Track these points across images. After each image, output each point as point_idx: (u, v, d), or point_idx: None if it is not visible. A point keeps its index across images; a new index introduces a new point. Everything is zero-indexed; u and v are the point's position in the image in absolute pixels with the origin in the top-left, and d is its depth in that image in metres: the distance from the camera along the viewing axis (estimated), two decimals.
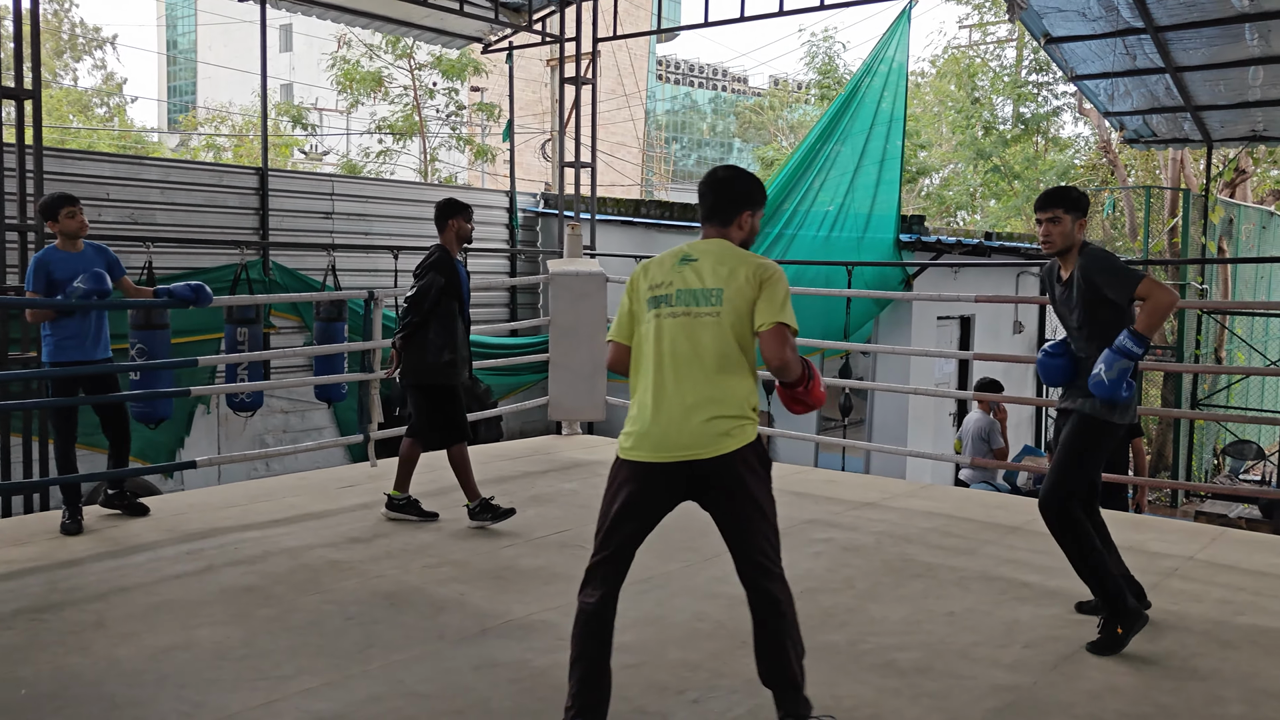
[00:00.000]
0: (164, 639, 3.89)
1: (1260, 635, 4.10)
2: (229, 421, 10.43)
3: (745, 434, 2.96)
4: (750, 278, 2.96)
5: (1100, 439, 3.94)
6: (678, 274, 3.03)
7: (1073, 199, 3.97)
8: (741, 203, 3.09)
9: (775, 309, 2.94)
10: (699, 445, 2.92)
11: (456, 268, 5.61)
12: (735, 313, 2.95)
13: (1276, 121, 11.75)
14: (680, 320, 2.98)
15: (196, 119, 34.70)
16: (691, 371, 2.95)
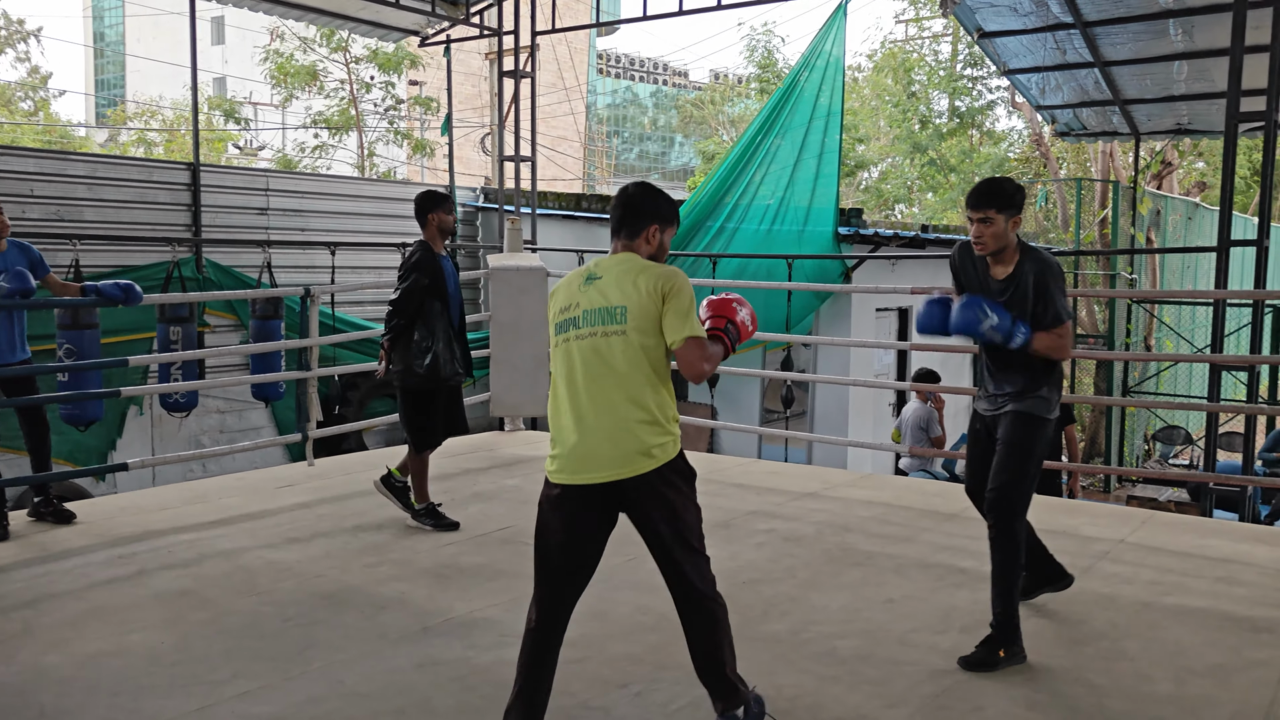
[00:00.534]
0: (94, 645, 3.80)
1: (1187, 615, 4.22)
2: (163, 423, 10.23)
3: (666, 451, 2.97)
4: (652, 290, 2.94)
5: (1039, 439, 3.79)
6: (584, 294, 3.02)
7: (1006, 196, 3.71)
8: (648, 217, 3.07)
9: (681, 323, 2.92)
10: (619, 465, 2.92)
11: (440, 265, 5.41)
12: (640, 329, 2.94)
13: (1201, 115, 12.08)
14: (589, 341, 2.97)
15: (126, 113, 33.91)
16: (606, 392, 2.94)
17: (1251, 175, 21.76)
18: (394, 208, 12.96)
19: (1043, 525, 5.55)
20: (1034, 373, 3.78)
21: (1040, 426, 3.79)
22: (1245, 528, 6.07)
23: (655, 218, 3.08)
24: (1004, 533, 3.73)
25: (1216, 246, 7.02)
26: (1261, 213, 7.27)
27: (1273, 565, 4.93)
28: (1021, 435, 3.76)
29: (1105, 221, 16.79)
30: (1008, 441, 3.77)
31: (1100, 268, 15.98)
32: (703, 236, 11.58)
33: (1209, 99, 11.11)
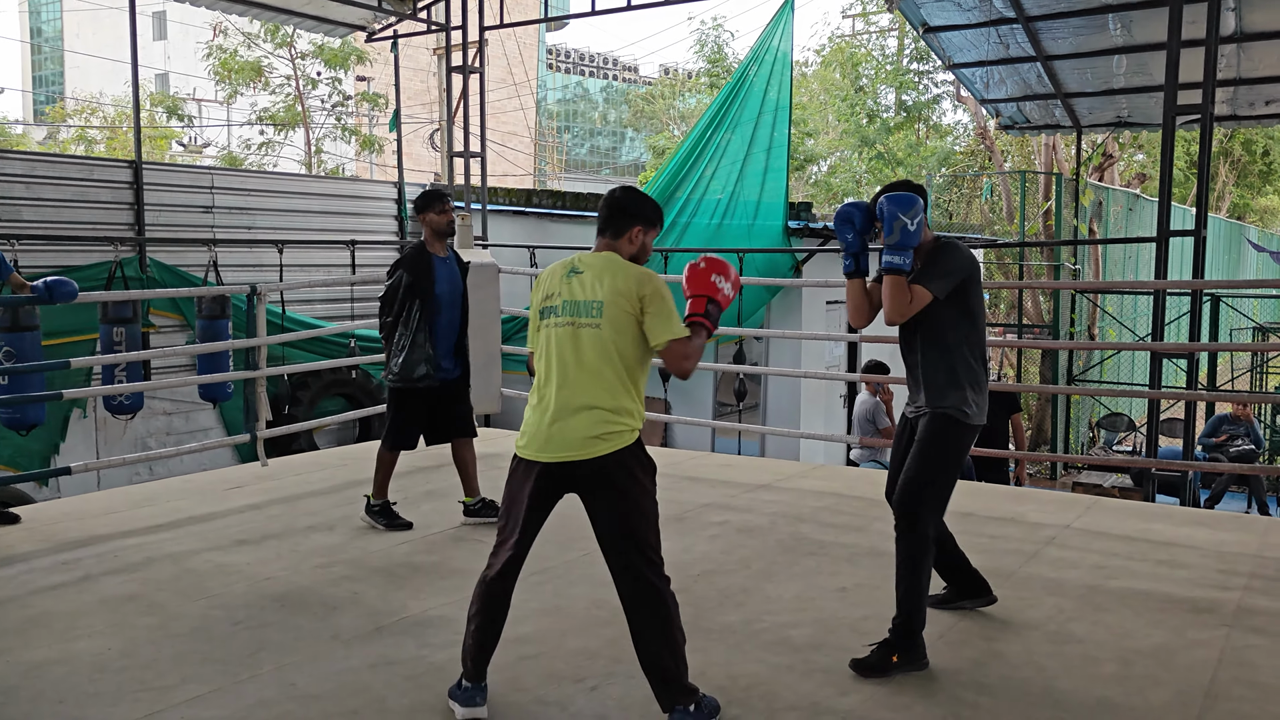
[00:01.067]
0: (39, 653, 3.72)
1: (1131, 597, 4.31)
2: (107, 425, 10.04)
3: (622, 439, 3.11)
4: (630, 292, 3.12)
5: (959, 442, 3.71)
6: (565, 285, 3.20)
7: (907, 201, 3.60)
8: (633, 219, 3.26)
9: (664, 326, 3.10)
10: (576, 448, 3.09)
11: (430, 264, 5.27)
12: (614, 324, 3.11)
13: (1140, 108, 12.32)
14: (565, 330, 3.15)
15: (65, 110, 33.18)
16: (573, 378, 3.12)
17: (1189, 167, 22.24)
18: (342, 205, 12.83)
19: (990, 513, 5.66)
20: (949, 379, 3.67)
21: (955, 428, 3.67)
22: (1186, 511, 6.22)
23: (639, 219, 3.27)
24: (906, 531, 3.62)
25: (1156, 237, 7.18)
26: (1199, 203, 7.44)
27: (1213, 548, 5.06)
28: (934, 434, 3.68)
29: (1049, 213, 17.07)
30: (920, 439, 3.71)
31: (1045, 259, 16.26)
32: None
33: (1147, 92, 11.34)
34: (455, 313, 5.42)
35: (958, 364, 3.67)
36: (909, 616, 3.57)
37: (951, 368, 3.67)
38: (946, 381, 3.68)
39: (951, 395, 3.67)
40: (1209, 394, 9.85)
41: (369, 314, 12.59)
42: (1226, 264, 26.02)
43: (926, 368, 3.71)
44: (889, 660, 3.54)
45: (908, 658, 3.55)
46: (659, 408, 10.90)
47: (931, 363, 3.70)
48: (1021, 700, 3.36)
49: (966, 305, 3.67)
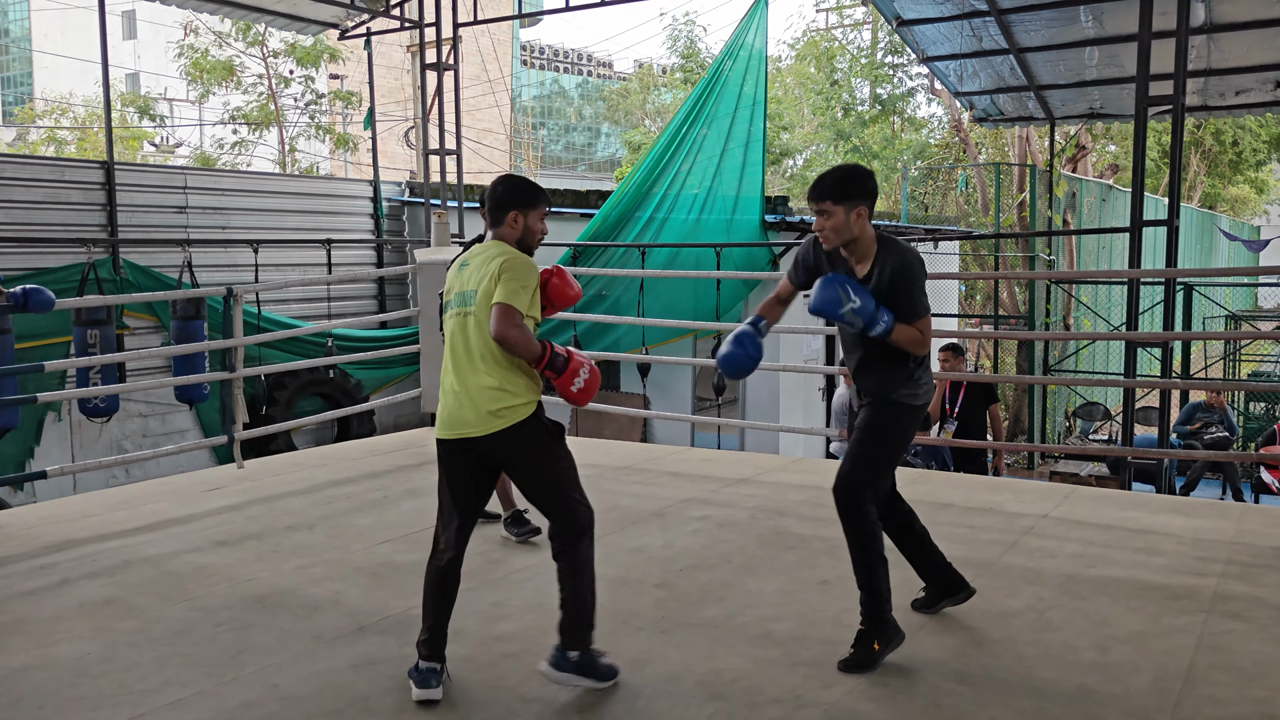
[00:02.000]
0: (17, 659, 3.69)
1: (1109, 585, 4.35)
2: (83, 428, 9.96)
3: (515, 414, 3.32)
4: (495, 273, 3.30)
5: (900, 421, 3.68)
6: (457, 279, 3.47)
7: (840, 186, 3.48)
8: (508, 205, 3.44)
9: (501, 292, 3.27)
10: (474, 425, 3.33)
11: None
12: (483, 308, 3.32)
13: (1112, 99, 12.42)
14: (457, 319, 3.41)
15: (34, 111, 32.80)
16: (466, 363, 3.37)
17: (1161, 157, 22.42)
18: (317, 204, 12.76)
19: (969, 503, 5.70)
20: (891, 374, 3.65)
21: (894, 409, 3.65)
22: (1162, 499, 6.29)
23: (514, 204, 3.44)
24: (846, 514, 3.57)
25: (1130, 227, 7.24)
26: (1171, 193, 7.51)
27: (1189, 535, 5.11)
28: (873, 418, 3.66)
29: (1023, 205, 17.19)
30: (860, 426, 3.69)
31: (1019, 250, 16.37)
32: (632, 227, 11.61)
33: (1119, 84, 11.43)
34: None
35: (894, 364, 3.65)
36: (875, 603, 3.55)
37: (890, 367, 3.65)
38: (889, 380, 3.66)
39: (895, 390, 3.65)
40: (1183, 382, 9.95)
41: (345, 313, 12.55)
42: (1199, 253, 26.31)
43: (870, 367, 3.70)
44: (871, 649, 3.54)
45: (885, 638, 3.55)
46: (637, 403, 10.91)
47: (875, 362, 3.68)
48: (1002, 689, 3.39)
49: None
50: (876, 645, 3.54)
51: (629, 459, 7.03)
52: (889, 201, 23.37)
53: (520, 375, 3.34)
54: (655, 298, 10.53)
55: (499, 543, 5.06)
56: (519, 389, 3.33)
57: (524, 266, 3.32)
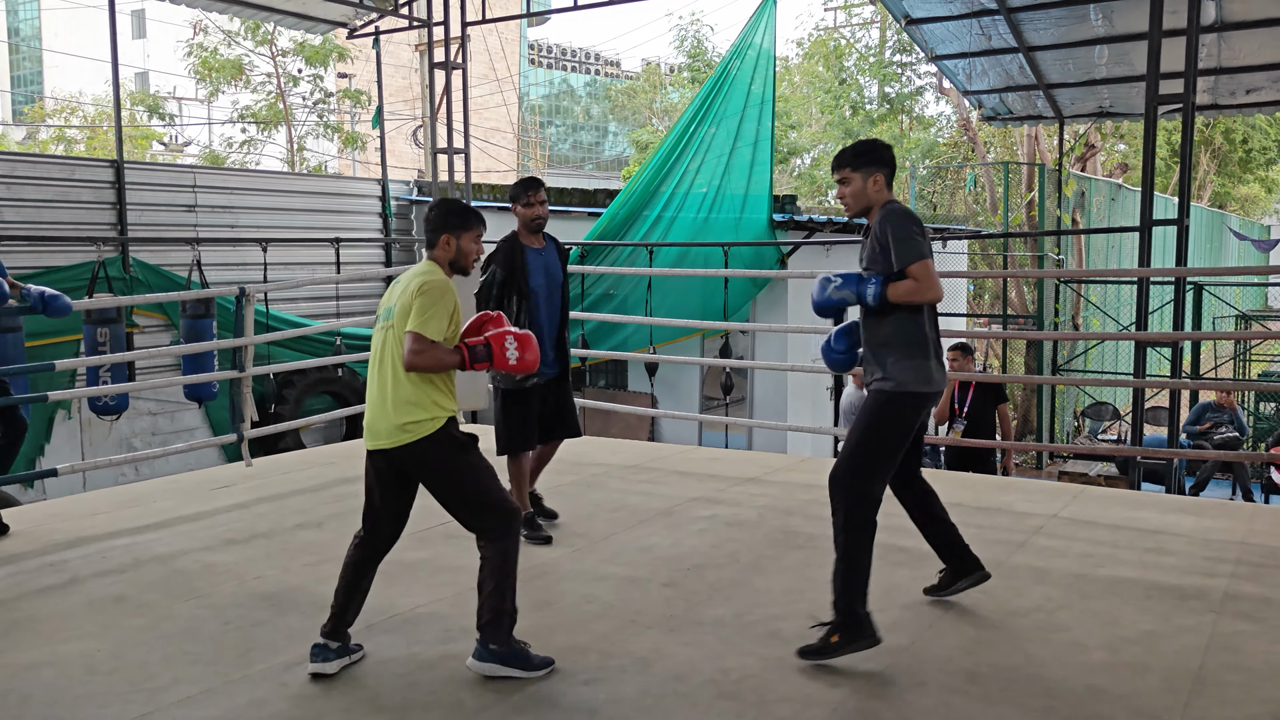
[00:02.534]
0: (27, 656, 3.70)
1: (1118, 585, 4.34)
2: (93, 426, 9.99)
3: (422, 429, 3.44)
4: (413, 292, 3.43)
5: (887, 407, 3.64)
6: (387, 293, 3.62)
7: (857, 153, 3.66)
8: (440, 228, 3.58)
9: (415, 318, 3.40)
10: (385, 437, 3.47)
11: (523, 256, 5.02)
12: (400, 324, 3.45)
13: (1121, 98, 12.37)
14: (380, 333, 3.56)
15: (44, 110, 32.91)
16: (381, 375, 3.51)
17: (1171, 156, 22.35)
18: (326, 202, 12.78)
19: (978, 503, 5.69)
20: (888, 355, 3.63)
21: (881, 396, 3.63)
22: (1172, 499, 6.27)
23: (445, 228, 3.58)
24: (833, 503, 3.66)
25: (1139, 226, 7.21)
26: (1181, 192, 7.48)
27: (1199, 535, 5.09)
28: (864, 406, 3.70)
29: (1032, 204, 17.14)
30: (859, 416, 3.71)
31: (1028, 249, 16.32)
32: (640, 226, 11.61)
33: (1129, 82, 11.38)
34: (554, 306, 5.13)
35: (890, 342, 3.63)
36: (847, 599, 3.55)
37: (887, 347, 3.63)
38: (887, 361, 3.63)
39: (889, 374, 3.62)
40: (1193, 382, 9.91)
41: (354, 312, 12.57)
42: (1209, 252, 26.20)
43: (873, 349, 3.69)
44: (829, 642, 3.52)
45: (849, 636, 3.51)
46: (645, 402, 10.91)
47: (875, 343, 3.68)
48: (1011, 688, 3.38)
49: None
50: (835, 639, 3.52)
51: (636, 458, 7.02)
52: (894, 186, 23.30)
53: (433, 389, 3.46)
54: (663, 297, 10.53)
55: None
56: (427, 404, 3.44)
57: (438, 290, 3.43)
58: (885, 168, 3.64)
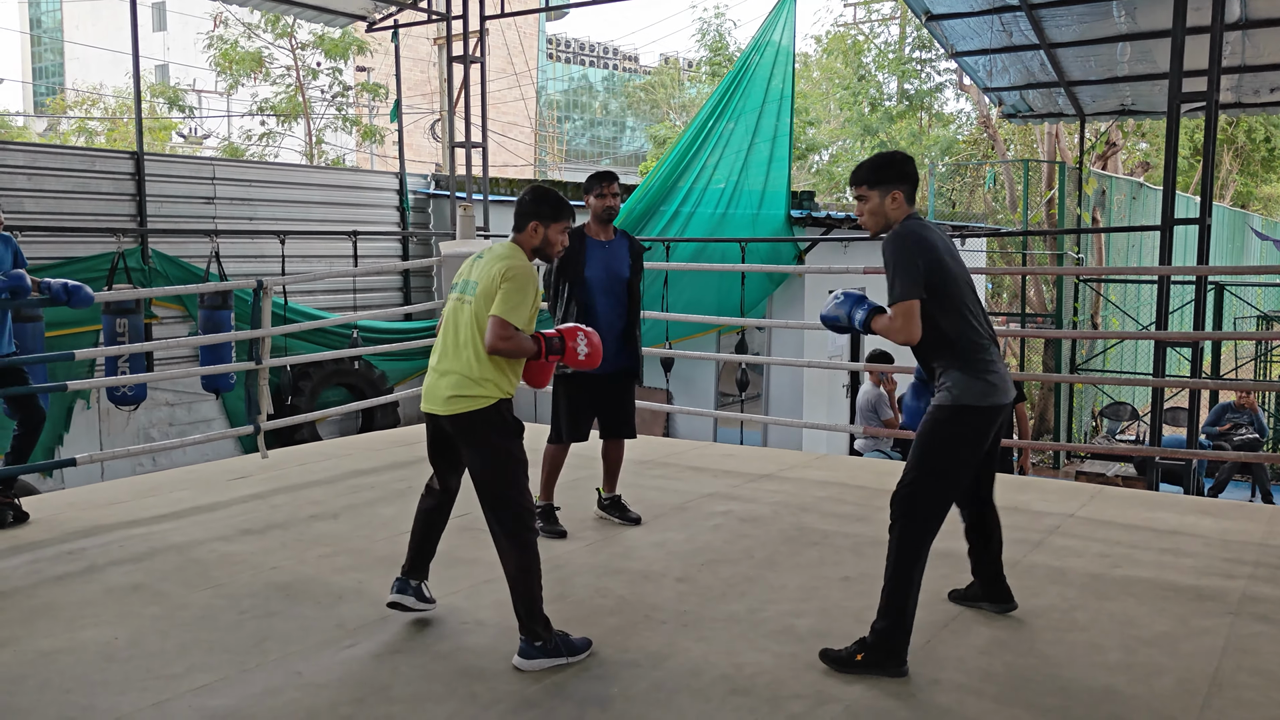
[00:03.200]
0: (45, 643, 3.73)
1: (1135, 585, 4.31)
2: (111, 416, 10.06)
3: (474, 402, 3.56)
4: (497, 275, 3.56)
5: (937, 426, 3.49)
6: (468, 267, 3.74)
7: (875, 168, 3.53)
8: (530, 215, 3.71)
9: (501, 303, 3.52)
10: (439, 404, 3.62)
11: (582, 246, 5.01)
12: (483, 301, 3.56)
13: (1144, 96, 12.28)
14: (455, 303, 3.69)
15: (65, 102, 33.13)
16: (447, 344, 3.65)
17: (1193, 154, 22.17)
18: (344, 195, 12.82)
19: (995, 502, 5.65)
20: (933, 361, 3.53)
21: (939, 416, 3.47)
22: (1190, 500, 6.22)
23: (535, 216, 3.70)
24: (893, 525, 3.50)
25: (1160, 225, 7.16)
26: (1203, 191, 7.42)
27: (1217, 536, 5.06)
28: (923, 427, 3.53)
29: (1052, 202, 17.04)
30: (917, 433, 3.58)
31: (1047, 247, 16.23)
32: (657, 221, 11.59)
33: (1151, 80, 11.30)
34: (615, 300, 5.05)
35: (932, 351, 3.49)
36: (888, 622, 3.41)
37: (930, 355, 3.52)
38: (935, 368, 3.54)
39: (941, 383, 3.51)
40: (1213, 382, 9.83)
41: (371, 305, 12.61)
42: (1230, 252, 25.98)
43: (918, 355, 3.59)
44: (854, 657, 3.43)
45: (874, 659, 3.41)
46: (660, 398, 10.91)
47: (919, 351, 3.55)
48: (1026, 688, 3.36)
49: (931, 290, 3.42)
50: (860, 658, 3.42)
51: (651, 453, 7.02)
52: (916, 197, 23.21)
53: (496, 370, 3.57)
54: (679, 292, 10.51)
55: None
56: (484, 382, 3.55)
57: (524, 277, 3.56)
58: (904, 183, 3.50)
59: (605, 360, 4.80)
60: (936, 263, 3.41)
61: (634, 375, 5.20)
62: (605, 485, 5.36)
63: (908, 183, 3.51)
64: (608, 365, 4.92)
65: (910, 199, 3.52)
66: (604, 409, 5.18)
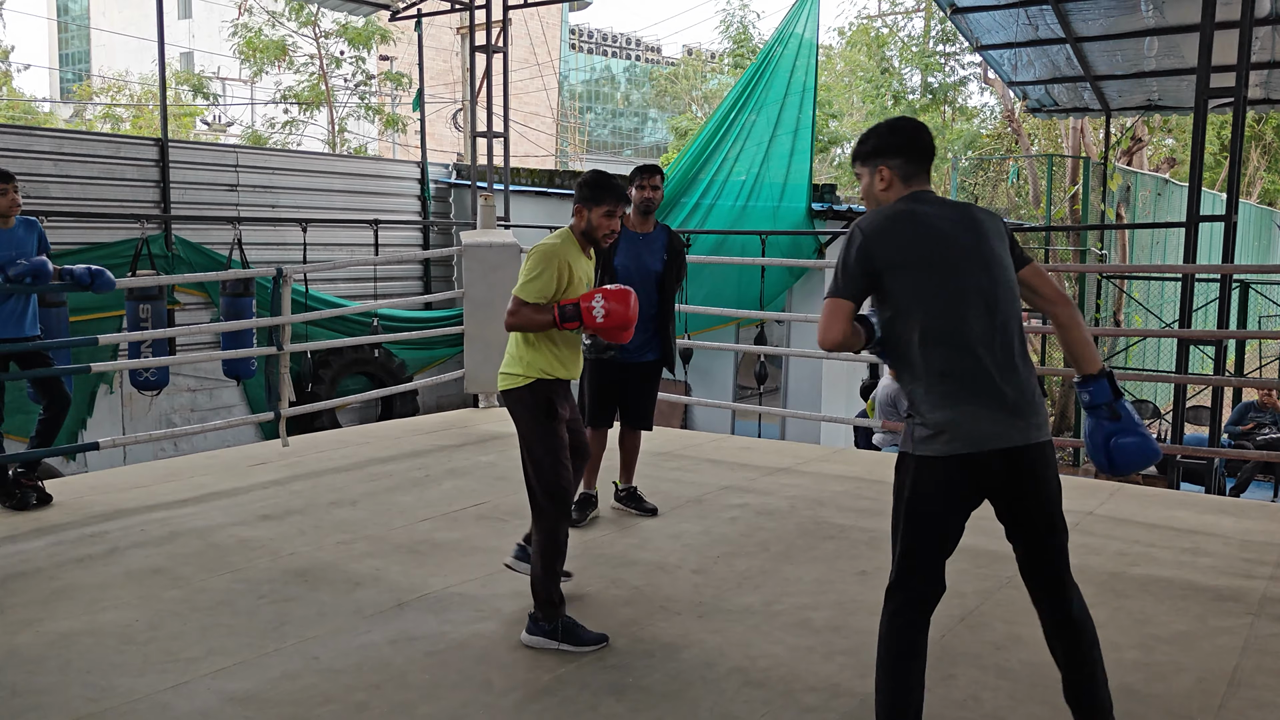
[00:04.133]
0: (66, 624, 3.78)
1: (1153, 584, 4.29)
2: (134, 401, 10.14)
3: (510, 381, 3.79)
4: (525, 256, 3.78)
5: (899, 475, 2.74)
6: None
7: (860, 143, 2.88)
8: (576, 200, 3.91)
9: (518, 283, 3.73)
10: (496, 382, 3.89)
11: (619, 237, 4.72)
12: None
13: (1171, 91, 12.16)
14: None
15: (91, 88, 33.36)
16: None
17: (1220, 151, 21.94)
18: (365, 184, 12.86)
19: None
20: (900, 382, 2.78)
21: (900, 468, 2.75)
22: (1211, 499, 6.18)
23: (579, 200, 3.88)
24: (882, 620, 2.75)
25: (1185, 222, 7.09)
26: (1230, 188, 7.35)
27: (1238, 536, 5.02)
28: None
29: (1076, 198, 16.90)
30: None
31: (1070, 243, 16.11)
32: (678, 213, 11.58)
33: (1179, 75, 11.18)
34: (643, 293, 4.89)
35: (902, 377, 2.75)
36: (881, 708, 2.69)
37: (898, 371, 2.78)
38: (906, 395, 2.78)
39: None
40: (1236, 380, 9.74)
41: (391, 293, 12.66)
42: (1256, 250, 25.70)
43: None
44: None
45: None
46: (678, 390, 10.91)
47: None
48: (1042, 684, 3.35)
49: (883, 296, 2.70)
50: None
51: (669, 445, 7.03)
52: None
53: (531, 350, 3.75)
54: (699, 284, 10.50)
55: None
56: (521, 361, 3.76)
57: (540, 254, 3.72)
58: (894, 155, 2.77)
59: (633, 350, 4.91)
60: (897, 265, 2.65)
61: (660, 368, 5.20)
62: (621, 476, 5.38)
63: (899, 154, 2.77)
64: (634, 355, 4.97)
65: (908, 175, 2.78)
66: (626, 398, 5.19)
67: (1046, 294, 2.85)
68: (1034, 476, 2.68)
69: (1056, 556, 2.76)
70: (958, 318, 2.64)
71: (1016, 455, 2.64)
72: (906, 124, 2.90)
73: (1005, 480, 2.67)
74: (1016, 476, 2.67)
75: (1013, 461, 2.64)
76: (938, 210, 2.75)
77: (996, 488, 2.70)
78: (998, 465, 2.64)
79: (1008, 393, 2.62)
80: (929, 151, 2.83)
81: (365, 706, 3.18)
